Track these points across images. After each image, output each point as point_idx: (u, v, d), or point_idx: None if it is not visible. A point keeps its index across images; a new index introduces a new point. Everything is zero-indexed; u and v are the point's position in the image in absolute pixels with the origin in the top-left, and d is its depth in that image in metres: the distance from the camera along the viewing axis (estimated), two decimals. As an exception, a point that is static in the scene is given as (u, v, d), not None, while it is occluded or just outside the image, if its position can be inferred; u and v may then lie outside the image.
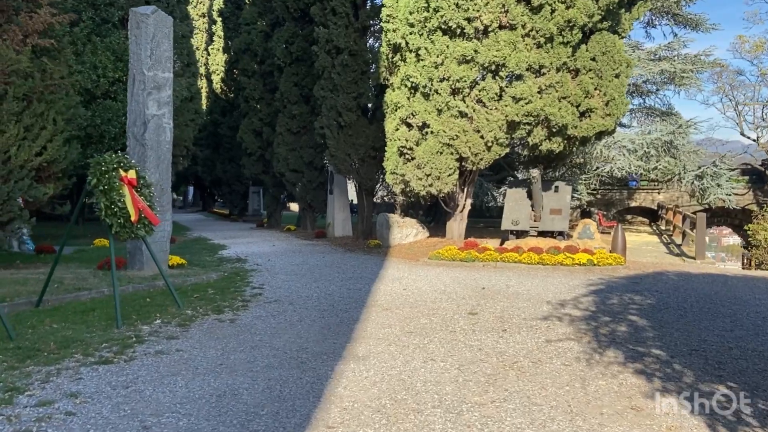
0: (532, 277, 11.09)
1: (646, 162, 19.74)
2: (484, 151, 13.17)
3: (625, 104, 13.22)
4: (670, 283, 10.57)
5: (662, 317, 7.72)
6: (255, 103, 24.36)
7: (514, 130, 13.05)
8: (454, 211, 15.10)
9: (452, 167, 13.46)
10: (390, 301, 8.71)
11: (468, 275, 11.29)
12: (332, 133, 16.76)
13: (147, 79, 10.12)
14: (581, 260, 12.33)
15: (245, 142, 24.81)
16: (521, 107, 12.58)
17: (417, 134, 13.66)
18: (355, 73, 16.23)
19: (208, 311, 7.63)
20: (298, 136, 20.67)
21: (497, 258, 12.68)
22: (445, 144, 13.25)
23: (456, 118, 13.07)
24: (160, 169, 10.37)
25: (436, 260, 13.07)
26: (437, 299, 8.86)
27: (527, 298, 9.05)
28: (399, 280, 10.65)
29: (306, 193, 21.06)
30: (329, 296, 9.06)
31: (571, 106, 12.79)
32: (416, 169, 13.63)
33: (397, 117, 13.93)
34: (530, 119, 12.65)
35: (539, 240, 13.90)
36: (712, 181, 18.90)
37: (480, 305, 8.41)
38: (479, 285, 10.17)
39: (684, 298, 8.96)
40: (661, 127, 20.17)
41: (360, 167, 16.89)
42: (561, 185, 14.94)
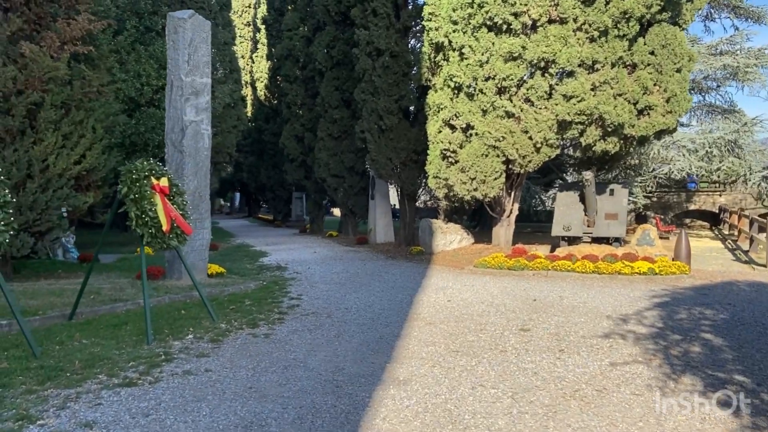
0: (587, 288, 10.31)
1: (708, 163, 18.52)
2: (533, 153, 12.45)
3: (688, 101, 12.27)
4: (743, 295, 9.62)
5: (740, 335, 6.89)
6: (297, 108, 24.19)
7: (565, 131, 12.28)
8: (501, 217, 14.39)
9: (498, 170, 12.79)
10: (433, 313, 8.13)
11: (517, 285, 10.60)
12: (373, 137, 16.31)
13: (185, 85, 9.88)
14: (641, 269, 11.45)
15: (287, 148, 24.66)
16: (573, 106, 11.81)
17: (461, 136, 13.04)
18: (396, 75, 15.74)
19: (242, 325, 7.23)
20: (339, 140, 20.32)
21: (548, 266, 11.93)
22: (491, 146, 12.59)
23: (502, 118, 12.40)
24: (198, 176, 10.10)
25: (482, 268, 12.41)
26: (485, 312, 8.23)
27: (584, 311, 8.32)
28: (443, 290, 10.06)
29: (347, 199, 20.68)
30: (369, 308, 8.56)
31: (628, 104, 11.94)
32: (460, 172, 13.01)
33: (440, 119, 13.35)
34: (583, 118, 11.86)
35: (593, 247, 13.06)
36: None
37: (532, 320, 7.74)
38: (530, 296, 9.48)
39: (762, 313, 8.06)
40: (724, 126, 18.91)
41: (401, 171, 16.37)
42: (617, 188, 14.05)
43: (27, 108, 8.81)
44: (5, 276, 9.87)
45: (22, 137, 8.91)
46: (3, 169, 8.73)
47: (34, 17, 9.02)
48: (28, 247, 9.12)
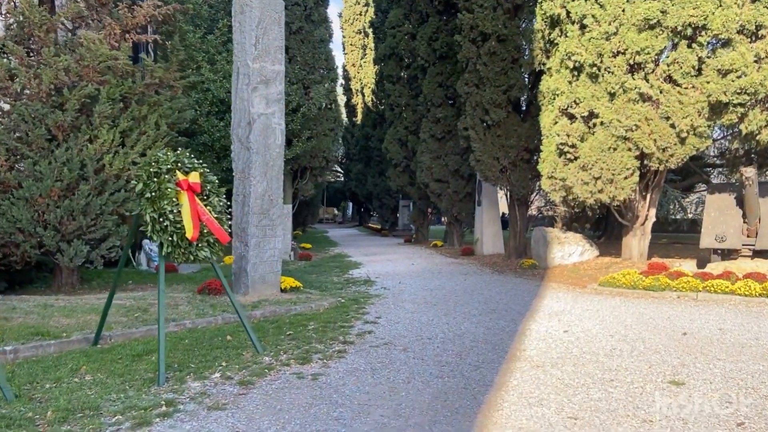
0: (756, 317, 7.77)
1: None
2: (676, 145, 9.97)
3: None
4: None
5: None
6: (400, 110, 22.80)
7: (719, 115, 9.72)
8: (633, 224, 11.90)
9: (630, 167, 10.41)
10: (544, 351, 6.16)
11: (657, 311, 8.26)
12: (477, 135, 14.42)
13: (252, 72, 8.70)
14: (831, 293, 8.63)
15: (390, 152, 23.34)
16: (730, 83, 9.25)
17: (581, 127, 10.82)
18: (505, 62, 13.76)
19: (291, 359, 5.72)
20: (443, 142, 18.61)
21: (698, 287, 9.40)
22: (620, 137, 10.28)
23: (635, 102, 10.06)
24: (269, 176, 8.86)
25: (609, 287, 10.10)
26: (614, 350, 6.13)
27: (759, 354, 5.95)
28: (558, 317, 7.99)
29: (451, 206, 18.86)
30: (459, 338, 6.74)
31: (808, 77, 9.16)
32: (580, 171, 10.78)
33: (556, 107, 11.22)
34: (744, 98, 9.25)
35: (758, 262, 10.26)
36: None
37: (685, 365, 5.54)
38: (677, 328, 7.17)
39: None
40: None
41: (511, 173, 14.29)
42: (787, 188, 11.07)
43: (81, 101, 8.05)
44: (71, 287, 9.24)
45: (76, 134, 8.16)
46: (54, 170, 8.02)
47: (94, 2, 8.28)
48: (82, 257, 8.33)
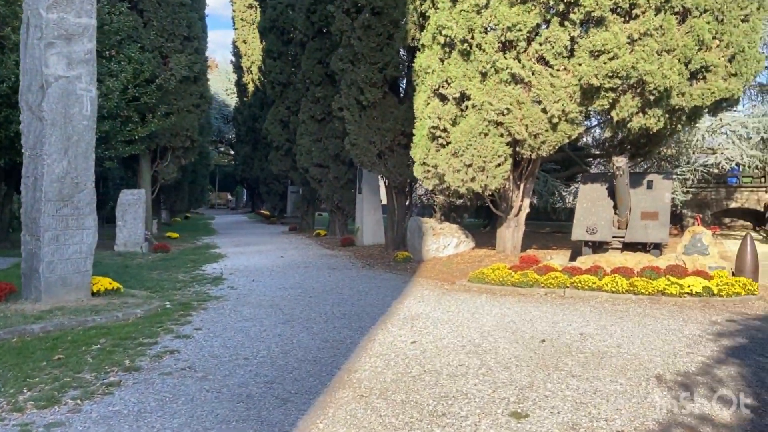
0: (620, 317, 7.24)
1: (763, 151, 15.21)
2: (547, 131, 9.36)
3: (759, 60, 9.10)
4: None
5: None
6: (281, 88, 21.30)
7: (591, 100, 9.19)
8: (507, 215, 11.31)
9: (502, 154, 9.71)
10: (379, 372, 5.13)
11: (521, 312, 7.55)
12: (353, 116, 13.33)
13: (46, 24, 6.99)
14: (694, 288, 8.35)
15: (271, 134, 21.84)
16: (602, 65, 8.71)
17: (453, 109, 9.99)
18: (380, 37, 12.70)
19: (30, 400, 4.29)
20: (323, 124, 17.37)
21: (566, 282, 8.86)
22: (492, 122, 9.54)
23: (507, 84, 9.33)
24: (71, 154, 7.21)
25: (478, 283, 9.38)
26: (460, 367, 5.23)
27: (619, 367, 5.27)
28: (413, 322, 7.05)
29: (332, 193, 17.72)
30: (284, 357, 5.59)
31: (678, 63, 8.80)
32: (452, 157, 9.97)
33: (428, 87, 10.32)
34: (616, 82, 8.76)
35: (627, 256, 9.94)
36: None
37: (535, 387, 4.72)
38: (537, 333, 6.43)
39: None
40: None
41: (388, 158, 13.34)
42: (656, 179, 10.90)
43: None
44: None
45: None
46: None
47: None
48: None
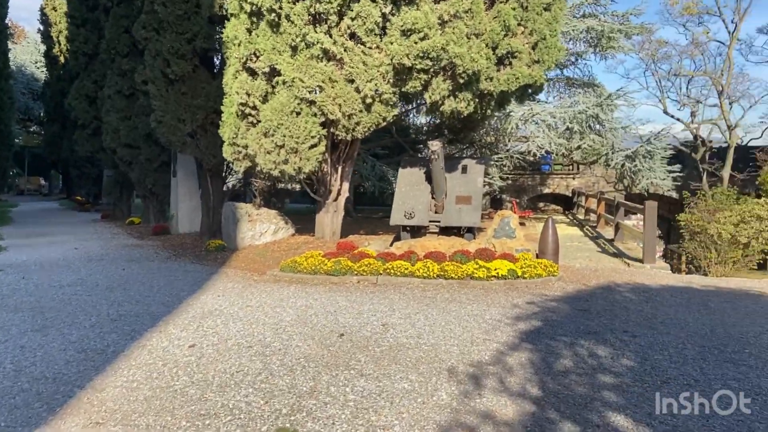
0: (427, 305, 7.02)
1: (569, 140, 16.41)
2: (362, 112, 8.94)
3: (560, 49, 9.46)
4: (634, 310, 6.87)
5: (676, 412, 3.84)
6: (87, 59, 18.84)
7: (404, 81, 8.91)
8: (326, 200, 10.79)
9: (316, 135, 9.12)
10: (134, 387, 4.25)
11: (328, 303, 7.03)
12: (159, 90, 11.92)
13: None
14: (500, 271, 8.47)
15: (76, 111, 19.27)
16: (413, 45, 8.44)
17: (264, 85, 9.19)
18: (187, 4, 11.43)
19: None
20: (132, 99, 15.53)
21: (379, 269, 8.55)
22: (304, 100, 8.90)
23: (318, 60, 8.74)
24: None
25: (289, 273, 8.74)
26: (237, 374, 4.53)
27: (414, 360, 4.93)
28: (201, 321, 6.20)
29: (144, 176, 15.99)
30: (14, 375, 4.46)
31: (486, 47, 8.82)
32: (263, 137, 9.17)
33: (236, 60, 9.39)
34: (427, 63, 8.54)
35: (441, 240, 9.93)
36: (644, 163, 15.90)
37: (316, 392, 4.17)
38: (338, 327, 5.94)
39: (676, 347, 5.19)
40: (585, 100, 16.92)
41: (201, 138, 12.15)
42: (470, 164, 11.05)
43: None
44: None
45: None
46: None
47: None
48: None
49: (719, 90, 20.79)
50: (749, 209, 11.28)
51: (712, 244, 11.38)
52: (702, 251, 11.76)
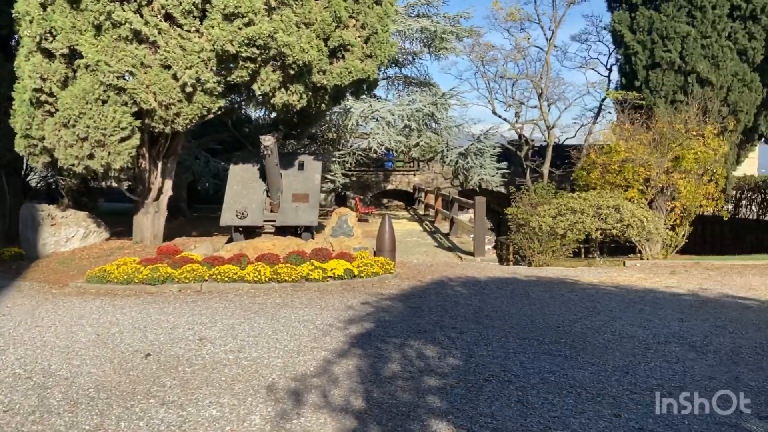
0: (255, 312, 6.50)
1: (407, 137, 16.70)
2: (181, 102, 8.13)
3: (393, 45, 9.40)
4: (463, 303, 6.94)
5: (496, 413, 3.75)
6: None
7: (230, 70, 8.26)
8: (145, 200, 9.75)
9: (127, 126, 8.12)
10: None
11: (138, 318, 6.21)
12: (-68, 71, 9.96)
13: None
14: (337, 271, 8.18)
15: None
16: (238, 30, 7.83)
17: (62, 68, 7.98)
18: (-32, -31, 9.69)
19: None
20: None
21: (204, 275, 7.83)
22: (112, 86, 7.87)
23: (128, 42, 7.77)
24: None
25: (97, 284, 7.68)
26: (2, 418, 3.69)
27: (230, 379, 4.41)
28: (-30, 349, 5.11)
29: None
30: None
31: (317, 38, 8.46)
32: (62, 128, 7.97)
33: (29, 39, 8.05)
34: (254, 52, 7.98)
35: (276, 241, 9.41)
36: (476, 160, 16.69)
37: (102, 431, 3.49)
38: (145, 347, 5.19)
39: (499, 341, 5.23)
40: (421, 98, 17.35)
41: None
42: (307, 160, 10.65)
43: None
44: None
45: None
46: None
47: None
48: None
49: (539, 92, 22.60)
50: (565, 203, 12.18)
51: (535, 236, 12.12)
52: (527, 242, 12.50)
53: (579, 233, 11.69)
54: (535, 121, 24.08)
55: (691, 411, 3.77)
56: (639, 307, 6.82)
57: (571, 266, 11.10)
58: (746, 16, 15.15)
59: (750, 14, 15.09)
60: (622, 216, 11.52)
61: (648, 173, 13.87)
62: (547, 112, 23.20)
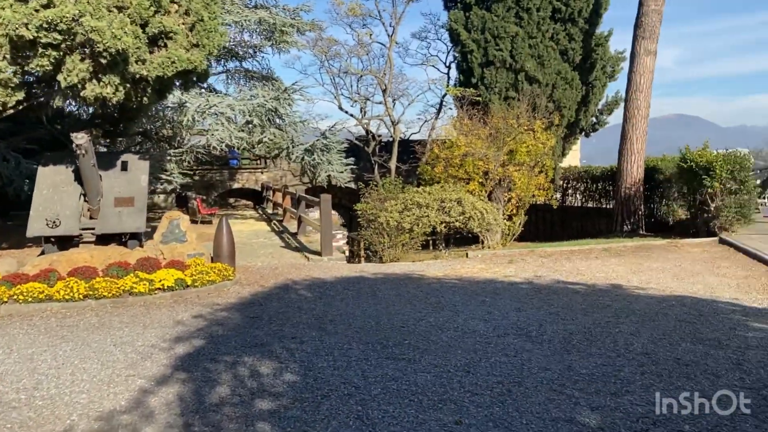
0: (63, 338, 5.58)
1: (249, 134, 15.91)
2: (-38, 92, 6.79)
3: (222, 34, 8.70)
4: (306, 309, 6.57)
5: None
6: None
7: (26, 57, 7.07)
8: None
9: None
10: None
11: None
12: None
13: None
14: (166, 282, 7.39)
15: None
16: (35, 13, 6.71)
17: None
18: None
19: None
20: None
21: (3, 297, 6.64)
22: None
23: None
24: None
25: None
26: None
27: (16, 427, 3.61)
28: None
29: None
30: None
31: (132, 24, 7.53)
32: None
33: None
34: (56, 38, 6.90)
35: (95, 251, 8.30)
36: (323, 156, 16.39)
37: None
38: None
39: (341, 349, 4.91)
40: (263, 93, 16.64)
41: None
42: (132, 160, 9.57)
43: None
44: None
45: None
46: None
47: None
48: None
49: (383, 88, 22.87)
50: (410, 198, 12.30)
51: (384, 231, 12.11)
52: (377, 237, 12.45)
53: (425, 227, 11.85)
54: (381, 117, 24.37)
55: (528, 408, 3.72)
56: (480, 299, 6.91)
57: (420, 260, 11.20)
58: (566, 19, 16.45)
59: (569, 17, 16.40)
60: (464, 209, 11.86)
61: (487, 166, 14.51)
62: (392, 107, 23.57)
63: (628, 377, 4.21)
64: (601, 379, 4.19)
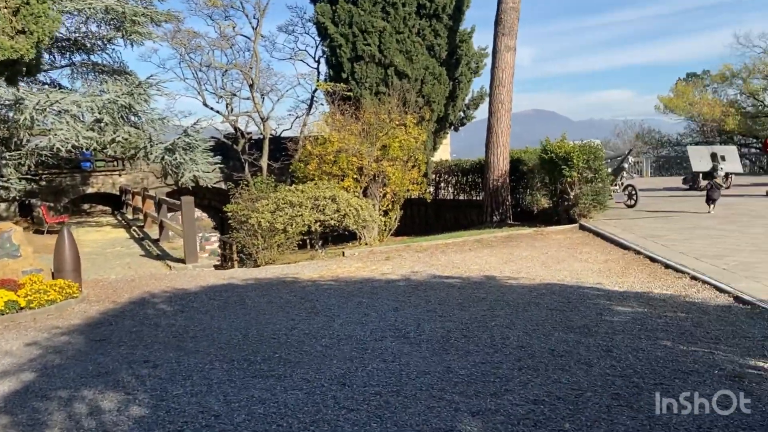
0: None
1: (100, 133, 14.37)
2: None
3: (55, 19, 7.59)
4: (164, 325, 5.87)
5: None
6: None
7: None
8: None
9: None
10: None
11: None
12: None
13: None
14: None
15: None
16: None
17: None
18: None
19: None
20: None
21: None
22: None
23: None
24: None
25: None
26: None
27: None
28: None
29: None
30: None
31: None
32: None
33: None
34: None
35: None
36: (186, 156, 15.25)
37: None
38: None
39: (202, 370, 4.34)
40: (115, 88, 15.15)
41: None
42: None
43: None
44: None
45: None
46: None
47: None
48: None
49: (250, 83, 21.87)
50: (283, 197, 11.74)
51: (257, 232, 11.45)
52: (250, 239, 11.76)
53: (300, 227, 11.35)
54: (249, 113, 23.34)
55: (407, 420, 3.42)
56: (357, 300, 6.59)
57: (296, 261, 10.70)
58: (431, 14, 16.66)
59: (434, 13, 16.62)
60: (339, 206, 11.52)
61: (361, 162, 14.29)
62: (261, 103, 22.63)
63: (506, 374, 4.07)
64: (481, 379, 4.01)
